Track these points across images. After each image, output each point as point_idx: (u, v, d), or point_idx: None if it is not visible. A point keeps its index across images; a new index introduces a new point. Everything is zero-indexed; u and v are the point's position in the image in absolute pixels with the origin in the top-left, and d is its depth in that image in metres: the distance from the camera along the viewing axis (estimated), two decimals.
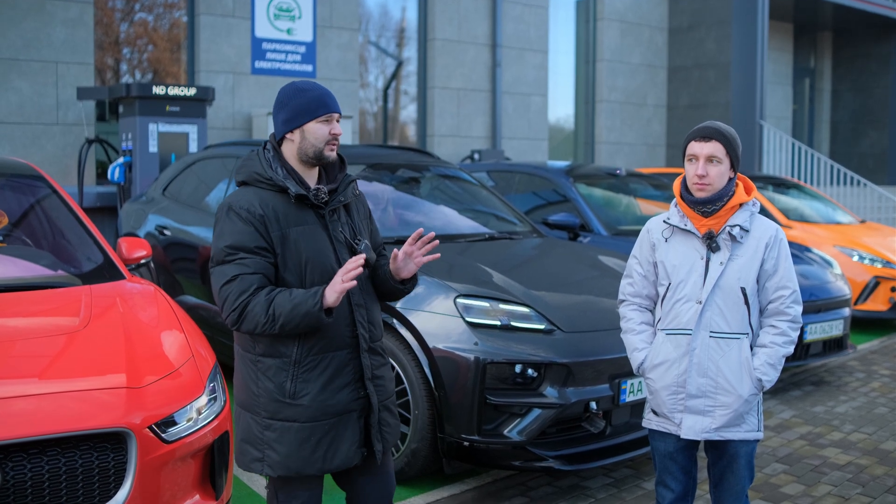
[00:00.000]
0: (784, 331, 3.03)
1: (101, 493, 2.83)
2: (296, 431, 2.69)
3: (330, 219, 2.78)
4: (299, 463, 2.70)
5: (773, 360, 3.01)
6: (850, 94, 18.27)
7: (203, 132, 8.56)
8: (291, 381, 2.69)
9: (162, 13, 10.52)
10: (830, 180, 14.69)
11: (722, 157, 3.01)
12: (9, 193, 4.48)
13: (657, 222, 3.19)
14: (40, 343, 3.26)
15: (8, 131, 8.76)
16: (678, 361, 3.06)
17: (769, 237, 3.04)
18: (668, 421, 3.12)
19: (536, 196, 7.76)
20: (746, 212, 3.06)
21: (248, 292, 2.61)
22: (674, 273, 3.08)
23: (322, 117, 2.75)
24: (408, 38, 12.43)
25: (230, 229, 2.68)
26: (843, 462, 4.91)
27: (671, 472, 3.18)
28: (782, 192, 10.37)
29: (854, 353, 7.38)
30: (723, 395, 3.01)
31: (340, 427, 2.73)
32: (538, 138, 13.31)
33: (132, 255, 4.37)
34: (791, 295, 3.03)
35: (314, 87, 2.79)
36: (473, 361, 4.07)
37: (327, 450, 2.71)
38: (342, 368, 2.73)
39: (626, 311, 3.27)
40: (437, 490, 4.34)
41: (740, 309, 3.01)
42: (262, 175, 2.74)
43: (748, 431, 3.06)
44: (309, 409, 2.69)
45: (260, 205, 2.69)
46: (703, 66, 14.66)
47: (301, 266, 2.69)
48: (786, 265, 3.04)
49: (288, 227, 2.70)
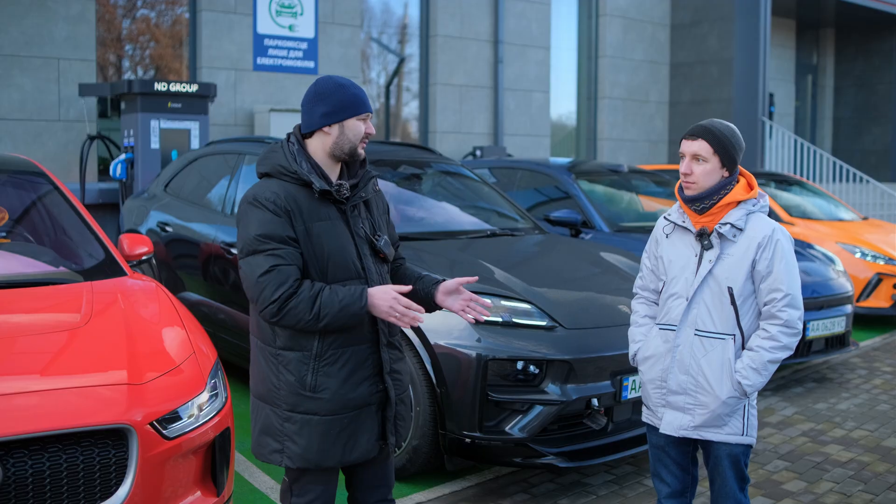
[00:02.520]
0: (774, 335, 2.94)
1: (103, 489, 2.83)
2: (316, 424, 2.70)
3: (351, 214, 2.79)
4: (319, 455, 2.71)
5: (756, 364, 2.94)
6: (852, 90, 18.24)
7: (205, 129, 8.56)
8: (312, 374, 2.69)
9: (164, 9, 10.52)
10: (833, 177, 14.67)
11: (708, 156, 2.98)
12: (11, 190, 4.48)
13: (662, 219, 3.20)
14: (42, 339, 3.26)
15: (10, 128, 8.76)
16: (664, 356, 3.07)
17: (763, 237, 2.97)
18: (653, 414, 3.15)
19: (538, 193, 7.76)
20: (743, 210, 3.01)
21: (286, 285, 2.59)
22: (670, 269, 3.09)
23: (362, 115, 2.76)
24: (410, 35, 12.42)
25: (258, 218, 2.65)
26: (845, 459, 4.90)
27: (664, 465, 3.18)
28: (785, 188, 10.35)
29: (856, 349, 7.37)
30: (702, 394, 2.99)
31: (360, 420, 2.75)
32: (540, 135, 13.29)
33: (134, 252, 4.37)
34: (784, 298, 2.93)
35: (354, 84, 2.80)
36: (475, 358, 4.06)
37: (346, 442, 2.73)
38: (363, 362, 2.75)
39: (635, 303, 3.30)
40: (438, 487, 4.34)
41: (727, 309, 2.97)
42: (286, 168, 2.73)
43: (730, 434, 3.02)
44: (329, 402, 2.70)
45: (285, 197, 2.68)
46: (705, 63, 14.64)
47: (324, 261, 2.69)
48: (781, 267, 2.94)
49: (311, 222, 2.70)
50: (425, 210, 5.75)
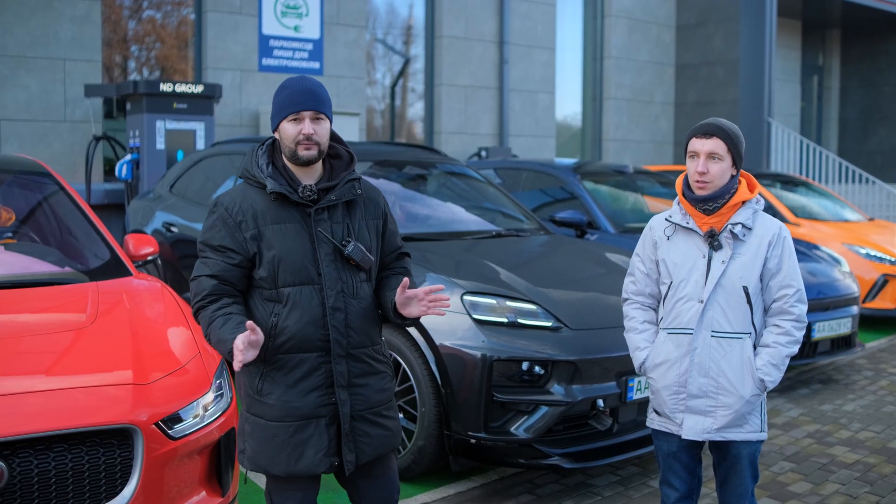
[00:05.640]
0: (788, 330, 2.98)
1: (108, 489, 2.83)
2: (263, 428, 2.71)
3: (316, 217, 2.70)
4: (266, 461, 2.71)
5: (775, 360, 2.97)
6: (858, 91, 18.20)
7: (210, 129, 8.57)
8: (259, 377, 2.70)
9: (169, 10, 10.53)
10: (839, 178, 14.63)
11: (723, 155, 2.97)
12: (17, 190, 4.49)
13: (660, 220, 3.16)
14: (47, 339, 3.26)
15: (16, 128, 8.78)
16: (679, 361, 3.03)
17: (772, 235, 3.00)
18: (670, 421, 3.09)
19: (543, 193, 7.75)
20: (749, 209, 3.02)
21: (199, 296, 2.69)
22: (675, 271, 3.05)
23: (289, 117, 2.66)
24: (415, 36, 12.42)
25: (207, 224, 2.76)
26: (851, 461, 4.89)
27: (675, 472, 3.16)
28: (790, 189, 10.32)
29: (862, 351, 7.35)
30: (724, 395, 2.99)
31: (307, 431, 2.68)
32: (545, 135, 13.29)
33: (139, 252, 4.37)
34: (795, 294, 2.98)
35: (295, 83, 2.70)
36: (480, 359, 4.06)
37: (291, 452, 2.68)
38: (311, 372, 2.68)
39: (629, 309, 3.24)
40: (443, 487, 4.34)
41: (742, 308, 2.98)
42: (248, 171, 2.76)
43: (751, 432, 3.03)
44: (274, 408, 2.68)
45: (241, 202, 2.70)
46: (710, 63, 14.62)
47: (273, 264, 2.67)
48: (790, 263, 3.00)
49: (265, 225, 2.68)
50: (431, 210, 5.75)
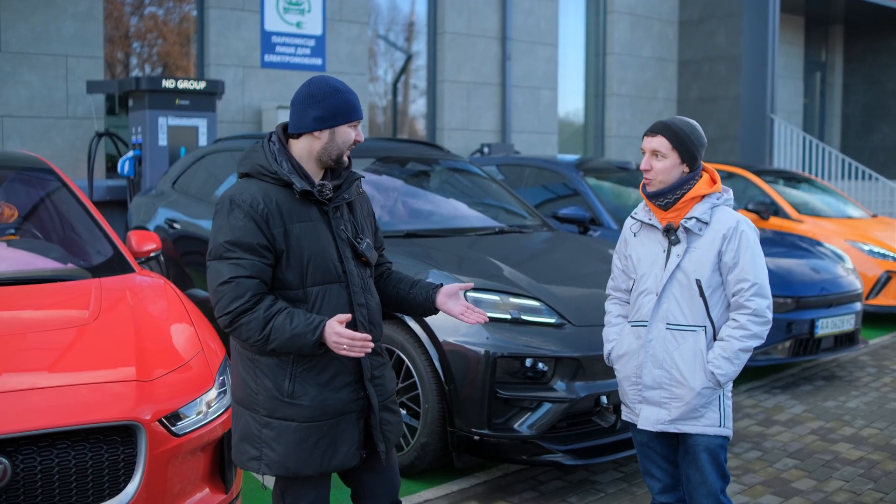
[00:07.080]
0: (743, 324, 2.98)
1: (111, 486, 2.83)
2: (294, 431, 2.64)
3: (333, 216, 2.73)
4: (297, 463, 2.66)
5: (727, 353, 2.98)
6: (861, 87, 18.17)
7: (213, 126, 8.56)
8: (290, 380, 2.64)
9: (171, 7, 10.52)
10: (841, 174, 14.61)
11: (666, 152, 3.03)
12: (19, 187, 4.49)
13: (630, 218, 3.24)
14: (50, 336, 3.26)
15: (18, 125, 8.78)
16: (637, 353, 3.11)
17: (728, 229, 3.02)
18: (631, 412, 3.18)
19: (546, 190, 7.74)
20: (707, 204, 3.06)
21: (242, 299, 2.54)
22: (639, 266, 3.14)
23: (354, 122, 2.71)
24: (417, 32, 12.40)
25: (231, 224, 2.59)
26: (855, 457, 4.88)
27: (653, 461, 3.20)
28: (793, 186, 10.31)
29: (866, 347, 7.34)
30: (677, 387, 3.03)
31: (339, 428, 2.69)
32: (548, 132, 13.27)
33: (142, 249, 4.37)
34: (751, 287, 2.98)
35: (348, 88, 2.73)
36: (484, 355, 4.05)
37: (325, 450, 2.67)
38: (342, 369, 2.69)
39: (608, 304, 3.35)
40: (446, 484, 4.33)
41: (696, 301, 3.01)
42: (266, 168, 2.67)
43: (707, 426, 3.04)
44: (308, 408, 2.64)
45: (263, 199, 2.61)
46: (713, 60, 14.60)
47: (303, 264, 2.64)
48: (746, 257, 2.99)
49: (291, 223, 2.64)
50: (433, 207, 5.74)
